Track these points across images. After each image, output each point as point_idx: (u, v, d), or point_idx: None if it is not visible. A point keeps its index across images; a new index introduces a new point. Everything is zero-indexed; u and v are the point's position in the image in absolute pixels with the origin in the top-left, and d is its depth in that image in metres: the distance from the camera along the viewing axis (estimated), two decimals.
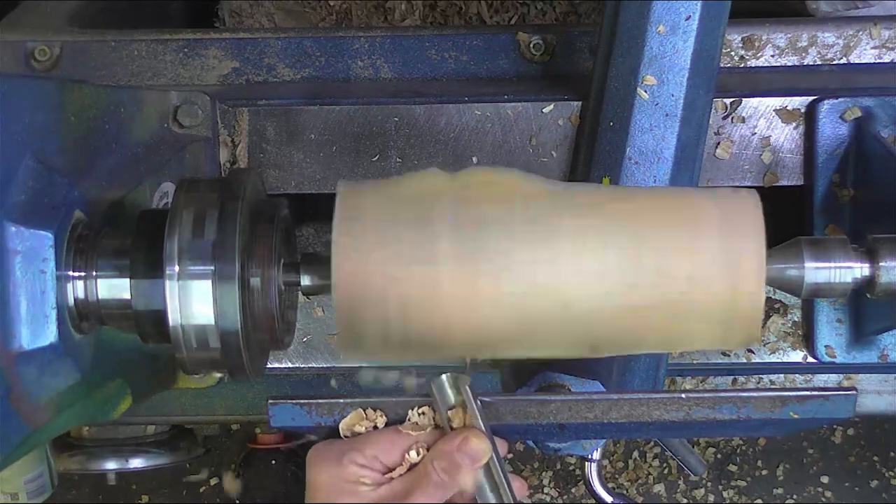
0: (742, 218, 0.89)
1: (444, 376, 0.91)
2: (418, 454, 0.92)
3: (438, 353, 0.89)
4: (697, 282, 0.88)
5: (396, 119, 1.28)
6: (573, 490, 2.42)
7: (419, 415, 0.93)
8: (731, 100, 1.27)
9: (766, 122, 1.28)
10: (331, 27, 1.81)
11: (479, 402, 0.91)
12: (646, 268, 0.88)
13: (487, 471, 0.92)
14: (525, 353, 0.92)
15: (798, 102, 1.27)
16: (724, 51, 1.29)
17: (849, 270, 0.94)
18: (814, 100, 1.26)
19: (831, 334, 1.30)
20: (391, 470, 0.92)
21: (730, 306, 0.88)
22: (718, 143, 1.28)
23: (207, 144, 1.25)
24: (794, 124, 1.27)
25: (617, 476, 2.42)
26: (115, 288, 0.91)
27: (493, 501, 0.92)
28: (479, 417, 0.91)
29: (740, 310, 0.88)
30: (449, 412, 0.91)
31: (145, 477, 2.38)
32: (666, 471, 2.42)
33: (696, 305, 0.88)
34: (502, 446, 0.94)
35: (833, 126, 1.26)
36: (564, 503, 2.41)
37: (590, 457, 1.59)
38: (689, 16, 1.16)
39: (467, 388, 0.91)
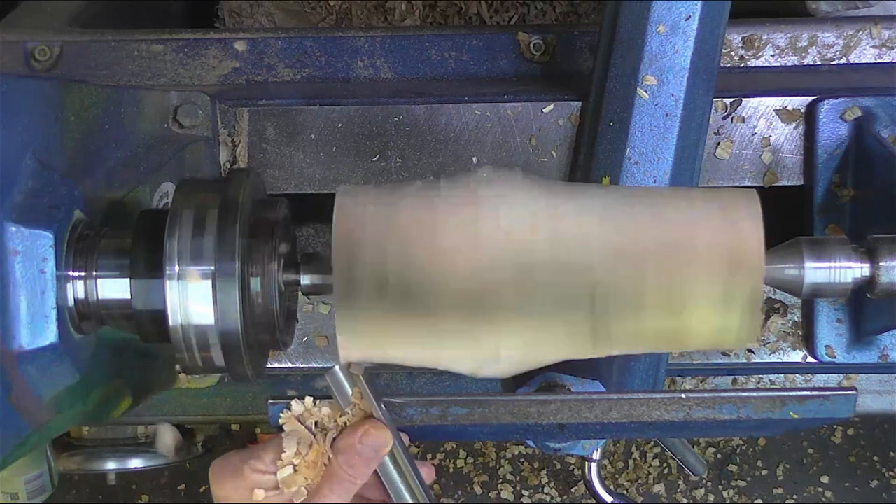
0: (742, 221, 0.89)
1: (337, 367, 0.91)
2: (317, 452, 0.91)
3: (438, 307, 0.87)
4: (696, 229, 0.88)
5: (396, 119, 1.28)
6: (573, 490, 2.42)
7: (319, 410, 0.92)
8: (731, 100, 1.27)
9: (766, 122, 1.27)
10: (331, 27, 1.81)
11: (383, 405, 0.91)
12: (645, 215, 0.89)
13: (393, 459, 0.92)
14: (525, 315, 0.89)
15: (798, 102, 1.27)
16: (724, 51, 1.29)
17: (849, 270, 0.94)
18: (814, 100, 1.26)
19: (831, 334, 1.30)
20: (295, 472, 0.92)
21: (731, 259, 0.88)
22: (718, 143, 1.28)
23: (207, 144, 1.25)
24: (794, 124, 1.27)
25: (617, 476, 2.42)
26: (115, 288, 0.91)
27: (403, 488, 0.92)
28: (376, 407, 0.91)
29: (741, 256, 0.88)
30: (348, 406, 0.91)
31: (145, 477, 2.39)
32: (666, 471, 2.42)
33: (694, 258, 0.88)
34: (404, 436, 0.94)
35: (833, 126, 1.26)
36: (564, 503, 2.42)
37: (590, 457, 1.59)
38: (689, 16, 1.16)
39: (361, 377, 0.90)
